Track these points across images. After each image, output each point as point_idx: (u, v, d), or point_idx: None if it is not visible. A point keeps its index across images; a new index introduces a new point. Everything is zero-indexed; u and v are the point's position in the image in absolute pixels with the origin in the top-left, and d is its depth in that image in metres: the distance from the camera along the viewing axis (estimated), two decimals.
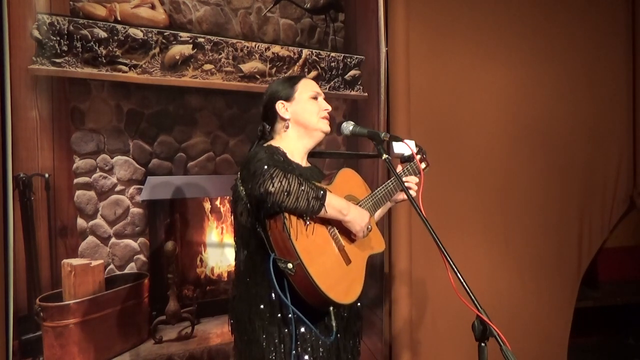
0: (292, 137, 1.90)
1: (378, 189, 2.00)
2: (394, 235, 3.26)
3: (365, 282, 1.83)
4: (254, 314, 1.78)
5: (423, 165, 2.13)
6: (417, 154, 2.06)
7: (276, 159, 1.78)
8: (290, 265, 1.64)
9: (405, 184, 2.02)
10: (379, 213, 2.12)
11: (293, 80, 1.95)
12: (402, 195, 2.06)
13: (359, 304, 1.94)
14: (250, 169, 1.70)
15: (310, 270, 1.64)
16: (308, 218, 1.70)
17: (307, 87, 1.92)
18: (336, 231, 1.81)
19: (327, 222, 1.78)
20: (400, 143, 1.96)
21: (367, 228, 1.85)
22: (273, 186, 1.62)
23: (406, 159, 2.06)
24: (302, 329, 1.77)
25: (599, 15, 3.99)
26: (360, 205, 1.89)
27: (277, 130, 1.92)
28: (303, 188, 1.65)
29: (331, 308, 1.72)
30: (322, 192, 1.70)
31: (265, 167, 1.66)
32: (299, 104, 1.90)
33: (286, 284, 1.68)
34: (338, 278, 1.75)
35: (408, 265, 3.29)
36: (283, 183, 1.63)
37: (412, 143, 1.98)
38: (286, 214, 1.66)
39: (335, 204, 1.73)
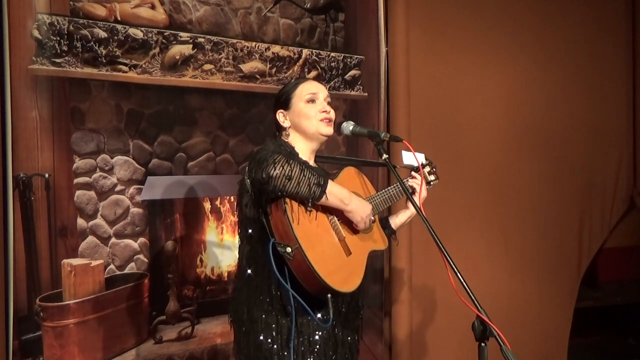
0: (296, 141, 1.92)
1: (383, 190, 2.00)
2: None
3: (365, 275, 1.83)
4: (252, 305, 1.80)
5: (432, 178, 2.16)
6: (426, 166, 2.10)
7: (282, 149, 1.81)
8: (288, 250, 1.66)
9: (410, 183, 2.05)
10: (402, 221, 2.12)
11: (292, 87, 1.94)
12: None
13: (359, 302, 1.95)
14: (256, 158, 1.74)
15: (308, 255, 1.66)
16: (309, 205, 1.72)
17: (302, 92, 1.91)
18: (337, 222, 1.82)
19: (329, 211, 1.80)
20: (409, 154, 1.98)
21: (370, 220, 1.85)
22: (275, 170, 1.65)
23: (416, 170, 2.07)
24: (300, 321, 1.78)
25: (599, 15, 3.99)
26: None
27: (283, 136, 1.95)
28: (305, 174, 1.68)
29: (329, 296, 1.72)
30: (323, 179, 1.71)
31: (270, 154, 1.70)
32: (295, 111, 1.90)
33: (287, 272, 1.70)
34: (337, 266, 1.75)
35: (408, 266, 3.29)
36: (285, 168, 1.66)
37: (421, 156, 2.01)
38: (287, 199, 1.69)
39: (336, 192, 1.75)
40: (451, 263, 1.50)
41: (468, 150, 3.55)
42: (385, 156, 1.79)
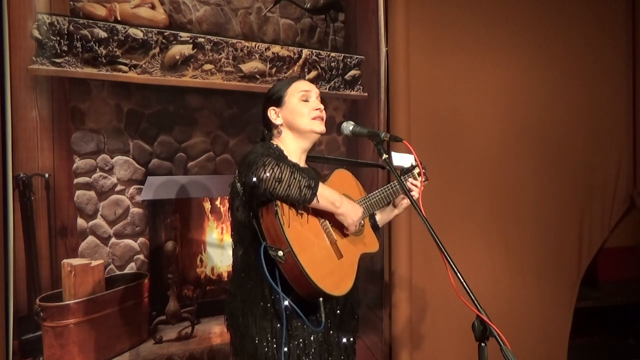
0: (287, 140, 1.91)
1: (375, 192, 1.99)
2: (394, 237, 3.26)
3: (357, 278, 1.83)
4: (247, 309, 1.80)
5: (422, 179, 2.14)
6: (416, 167, 2.07)
7: (271, 152, 1.80)
8: (280, 253, 1.65)
9: (408, 184, 2.04)
10: (383, 218, 2.13)
11: (284, 85, 1.94)
12: (406, 200, 2.06)
13: (354, 304, 1.94)
14: (245, 161, 1.73)
15: (300, 259, 1.65)
16: (300, 207, 1.72)
17: (295, 90, 1.91)
18: (328, 225, 1.82)
19: (320, 214, 1.80)
20: (399, 155, 1.98)
21: (360, 224, 1.85)
22: (265, 173, 1.65)
23: (405, 172, 2.06)
24: (294, 324, 1.77)
25: (599, 15, 3.99)
26: None
27: (274, 135, 1.94)
28: (295, 176, 1.68)
29: (321, 299, 1.72)
30: (314, 182, 1.71)
31: (259, 157, 1.69)
32: (289, 108, 1.89)
33: (278, 275, 1.69)
34: (328, 270, 1.75)
35: (408, 267, 3.28)
36: (275, 170, 1.65)
37: (410, 157, 2.01)
38: (278, 202, 1.68)
39: (327, 195, 1.75)
40: (451, 263, 1.50)
41: (468, 149, 3.55)
42: (385, 156, 1.79)
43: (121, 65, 2.51)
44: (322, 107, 1.92)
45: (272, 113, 1.91)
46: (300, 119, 1.88)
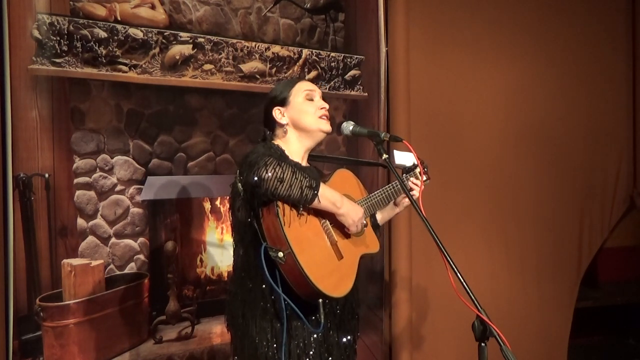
0: (292, 140, 1.91)
1: (376, 192, 2.00)
2: (394, 238, 3.26)
3: (357, 279, 1.83)
4: (247, 309, 1.80)
5: (424, 178, 2.14)
6: (417, 166, 2.07)
7: (273, 152, 1.81)
8: (280, 254, 1.65)
9: (408, 183, 2.04)
10: (384, 217, 2.14)
11: (288, 85, 1.94)
12: (407, 199, 2.06)
13: (354, 304, 1.94)
14: (246, 161, 1.73)
15: (300, 260, 1.65)
16: (301, 208, 1.72)
17: (300, 89, 1.92)
18: (329, 225, 1.82)
19: (321, 215, 1.80)
20: (401, 154, 1.98)
21: (362, 224, 1.85)
22: (267, 173, 1.64)
23: (407, 171, 2.06)
24: (294, 324, 1.77)
25: (599, 15, 3.99)
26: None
27: (277, 135, 1.93)
28: (297, 176, 1.68)
29: (320, 300, 1.72)
30: (315, 182, 1.71)
31: (261, 156, 1.69)
32: (294, 108, 1.90)
33: (278, 276, 1.69)
34: (328, 271, 1.75)
35: (408, 267, 3.28)
36: (277, 170, 1.65)
37: (411, 156, 2.01)
38: (279, 203, 1.68)
39: (328, 196, 1.75)
40: (451, 263, 1.50)
41: (468, 150, 3.55)
42: (385, 156, 1.79)
43: (121, 65, 2.51)
44: (327, 106, 1.93)
45: (277, 113, 1.91)
46: (306, 117, 1.89)
